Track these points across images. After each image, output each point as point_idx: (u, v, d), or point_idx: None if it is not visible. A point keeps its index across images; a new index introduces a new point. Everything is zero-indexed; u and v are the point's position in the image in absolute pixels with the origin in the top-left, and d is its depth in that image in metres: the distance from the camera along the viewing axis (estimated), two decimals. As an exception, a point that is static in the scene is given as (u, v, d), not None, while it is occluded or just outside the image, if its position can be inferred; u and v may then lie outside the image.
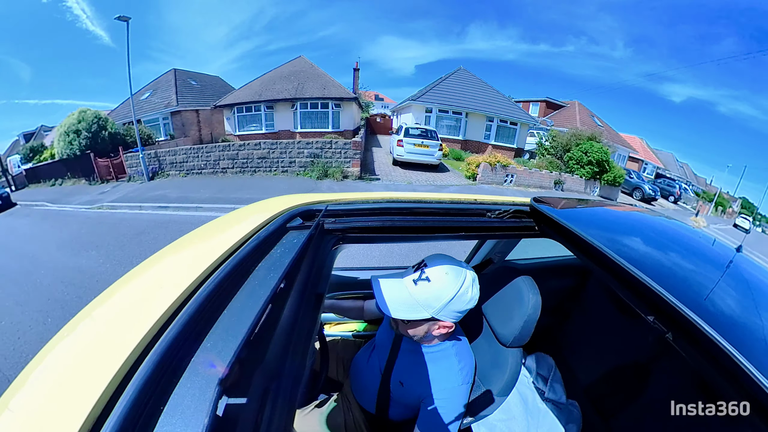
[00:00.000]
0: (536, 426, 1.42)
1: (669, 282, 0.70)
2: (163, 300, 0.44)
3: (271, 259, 0.58)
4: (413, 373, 0.96)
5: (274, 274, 0.54)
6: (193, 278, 0.48)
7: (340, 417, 1.12)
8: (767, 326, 0.74)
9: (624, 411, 1.37)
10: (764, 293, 0.91)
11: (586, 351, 1.62)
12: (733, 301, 0.77)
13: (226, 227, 0.71)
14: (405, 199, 0.91)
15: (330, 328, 1.60)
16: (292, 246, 0.62)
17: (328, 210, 0.78)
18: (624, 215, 1.33)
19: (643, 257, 0.90)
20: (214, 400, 0.34)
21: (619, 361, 1.46)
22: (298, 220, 0.72)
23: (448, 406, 0.90)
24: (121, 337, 0.40)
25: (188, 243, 0.66)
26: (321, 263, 0.70)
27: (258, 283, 0.52)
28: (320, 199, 0.83)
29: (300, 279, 0.61)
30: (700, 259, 1.02)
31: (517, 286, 1.07)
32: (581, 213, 1.21)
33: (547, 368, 1.64)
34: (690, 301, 0.64)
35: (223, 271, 0.50)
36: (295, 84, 15.85)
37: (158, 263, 0.58)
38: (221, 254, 0.55)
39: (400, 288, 0.87)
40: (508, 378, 1.06)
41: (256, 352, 0.46)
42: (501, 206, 1.01)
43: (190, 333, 0.41)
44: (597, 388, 1.51)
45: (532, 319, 1.02)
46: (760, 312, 0.79)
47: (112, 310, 0.48)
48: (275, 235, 0.65)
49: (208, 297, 0.46)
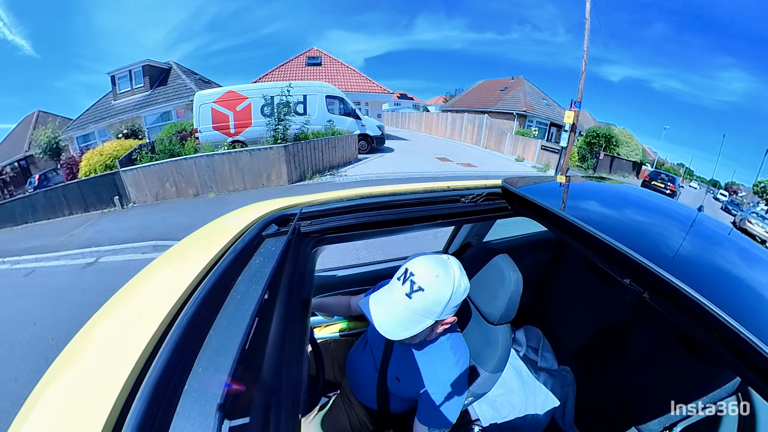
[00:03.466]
0: (534, 395, 1.48)
1: (640, 245, 0.74)
2: (144, 331, 0.42)
3: (251, 270, 0.57)
4: (409, 369, 0.97)
5: (256, 286, 0.53)
6: (172, 303, 0.46)
7: (344, 418, 1.12)
8: (733, 274, 0.80)
9: (612, 369, 1.45)
10: (727, 246, 0.97)
11: (570, 318, 1.69)
12: (701, 257, 0.82)
13: (199, 244, 0.69)
14: (379, 193, 0.91)
15: (320, 331, 1.59)
16: (270, 254, 0.61)
17: (303, 213, 0.77)
18: (589, 187, 1.38)
19: (613, 224, 0.94)
20: (216, 427, 0.33)
21: (602, 323, 1.54)
22: (273, 226, 0.71)
23: (446, 399, 0.91)
24: (105, 378, 0.37)
25: (162, 266, 0.64)
26: (302, 268, 0.69)
27: (241, 298, 0.51)
28: (294, 203, 0.82)
29: (284, 287, 0.60)
30: (666, 220, 1.08)
31: (498, 265, 1.10)
32: (549, 189, 1.26)
33: (536, 339, 1.70)
34: (662, 260, 0.68)
35: (203, 290, 0.49)
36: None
37: (134, 291, 0.56)
38: (198, 273, 0.53)
39: (395, 307, 0.83)
40: (501, 354, 1.09)
41: (251, 370, 0.45)
42: (474, 190, 1.03)
43: (178, 361, 0.39)
44: (585, 351, 1.59)
45: (515, 295, 1.05)
46: (725, 263, 0.85)
47: (91, 350, 0.45)
48: (251, 245, 0.63)
49: (191, 320, 0.44)
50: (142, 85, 14.69)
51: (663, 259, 0.71)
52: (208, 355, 0.42)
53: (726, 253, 0.93)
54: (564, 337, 1.67)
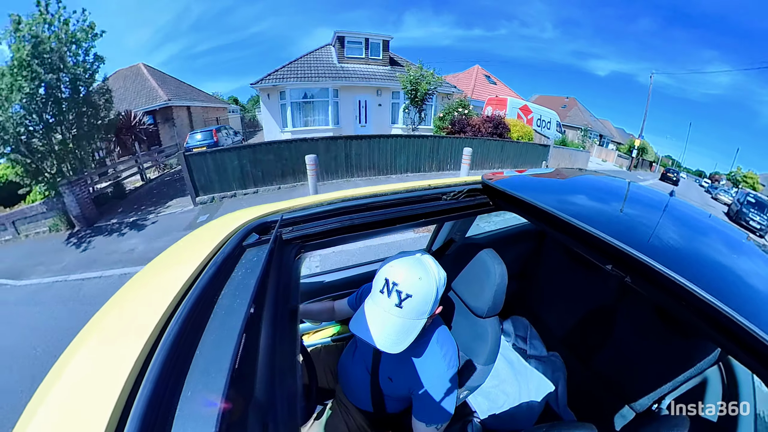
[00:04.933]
0: (526, 382, 1.51)
1: (620, 231, 0.77)
2: (127, 356, 0.40)
3: (234, 283, 0.55)
4: (400, 367, 0.97)
5: (241, 300, 0.51)
6: (153, 324, 0.44)
7: (341, 424, 1.11)
8: (708, 254, 0.85)
9: (600, 351, 1.49)
10: (699, 228, 1.02)
11: (555, 306, 1.73)
12: (676, 238, 0.86)
13: (177, 259, 0.66)
14: (360, 195, 0.90)
15: (308, 338, 1.57)
16: (253, 265, 0.60)
17: (284, 219, 0.75)
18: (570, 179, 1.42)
19: (593, 213, 0.97)
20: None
21: (587, 309, 1.58)
22: (254, 235, 0.69)
23: (439, 393, 0.92)
24: (92, 408, 0.35)
25: (140, 284, 0.61)
26: (287, 277, 0.68)
27: (225, 314, 0.49)
28: (274, 210, 0.80)
29: (269, 298, 0.58)
30: (642, 206, 1.13)
31: (482, 259, 1.11)
32: (529, 183, 1.28)
33: (523, 329, 1.73)
34: (641, 245, 0.71)
35: (186, 308, 0.47)
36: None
37: (111, 312, 0.53)
38: (179, 290, 0.51)
39: (389, 320, 0.82)
40: (491, 346, 1.10)
41: (244, 388, 0.43)
42: (455, 188, 1.04)
43: (166, 387, 0.37)
44: (572, 336, 1.63)
45: (501, 288, 1.07)
46: (699, 243, 0.90)
47: (71, 381, 0.41)
48: (232, 256, 0.61)
49: (175, 342, 0.42)
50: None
51: (642, 243, 0.74)
52: (197, 376, 0.40)
53: (698, 233, 0.98)
54: (551, 325, 1.71)
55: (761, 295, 0.68)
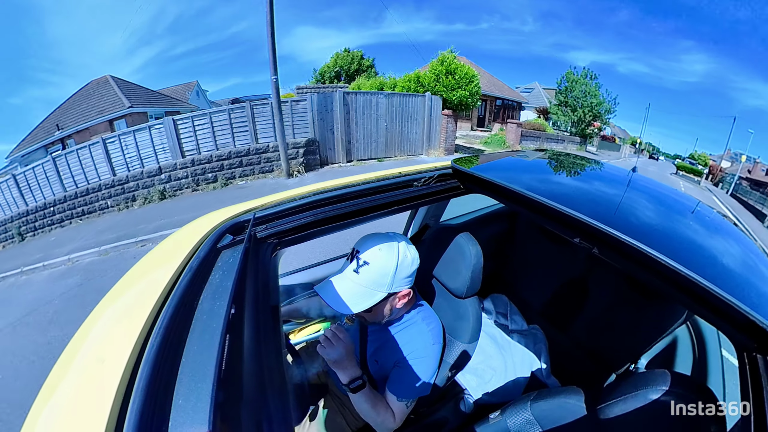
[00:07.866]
0: (511, 356, 1.57)
1: (585, 206, 0.81)
2: (110, 377, 0.38)
3: (212, 286, 0.55)
4: (386, 348, 0.99)
5: (220, 302, 0.51)
6: (134, 338, 0.43)
7: (338, 417, 1.12)
8: (665, 222, 0.91)
9: (576, 320, 1.57)
10: (657, 199, 1.08)
11: (532, 281, 1.80)
12: (637, 210, 0.92)
13: (152, 268, 0.65)
14: (332, 187, 0.90)
15: (295, 335, 1.56)
16: (229, 266, 0.59)
17: (257, 218, 0.74)
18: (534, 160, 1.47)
19: (559, 190, 1.01)
20: None
21: (561, 281, 1.66)
22: (228, 236, 0.68)
23: (418, 365, 0.94)
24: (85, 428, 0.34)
25: (117, 297, 0.59)
26: (265, 275, 0.67)
27: (207, 318, 0.49)
28: (246, 209, 0.79)
29: (249, 298, 0.58)
30: (603, 182, 1.19)
31: (457, 242, 1.14)
32: (496, 165, 1.32)
33: (503, 305, 1.79)
34: (606, 217, 0.75)
35: (166, 316, 0.46)
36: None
37: (90, 331, 0.51)
38: (157, 299, 0.50)
39: (346, 284, 0.87)
40: (473, 324, 1.14)
41: (233, 391, 0.43)
42: (425, 173, 1.06)
43: (155, 400, 0.37)
44: (549, 308, 1.70)
45: (477, 268, 1.10)
46: (658, 213, 0.95)
47: (55, 406, 0.39)
48: (208, 260, 0.61)
49: (158, 353, 0.41)
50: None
51: (605, 215, 0.78)
52: (185, 383, 0.40)
53: (658, 203, 1.04)
54: (529, 299, 1.78)
55: (715, 255, 0.75)
